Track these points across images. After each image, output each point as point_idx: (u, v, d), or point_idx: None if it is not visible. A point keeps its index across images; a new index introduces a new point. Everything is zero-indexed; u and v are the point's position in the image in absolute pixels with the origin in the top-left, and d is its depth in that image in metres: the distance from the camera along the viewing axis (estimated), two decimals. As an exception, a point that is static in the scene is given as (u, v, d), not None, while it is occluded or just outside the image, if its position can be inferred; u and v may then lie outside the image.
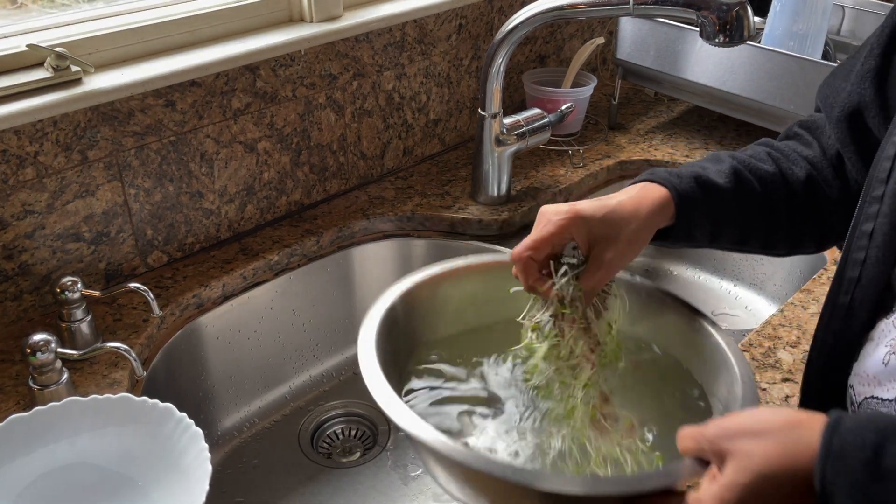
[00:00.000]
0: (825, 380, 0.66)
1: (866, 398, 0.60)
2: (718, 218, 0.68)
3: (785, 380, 0.84)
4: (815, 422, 0.47)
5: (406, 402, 0.61)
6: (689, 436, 0.53)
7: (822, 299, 0.97)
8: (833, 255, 1.08)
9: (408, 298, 0.70)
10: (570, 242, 0.65)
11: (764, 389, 0.83)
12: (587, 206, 0.64)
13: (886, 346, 0.58)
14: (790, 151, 0.72)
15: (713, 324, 0.69)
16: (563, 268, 0.64)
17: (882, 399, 0.58)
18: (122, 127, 0.90)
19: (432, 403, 0.66)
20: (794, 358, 0.87)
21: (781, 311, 0.95)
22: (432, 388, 0.67)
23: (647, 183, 0.67)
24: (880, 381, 0.58)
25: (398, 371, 0.67)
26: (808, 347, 0.89)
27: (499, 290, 0.70)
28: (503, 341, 0.70)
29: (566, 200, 1.22)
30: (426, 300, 0.72)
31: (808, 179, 0.70)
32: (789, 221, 0.71)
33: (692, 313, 0.70)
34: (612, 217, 0.64)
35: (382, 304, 0.68)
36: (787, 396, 0.82)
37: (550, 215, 0.64)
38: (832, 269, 1.03)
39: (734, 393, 0.62)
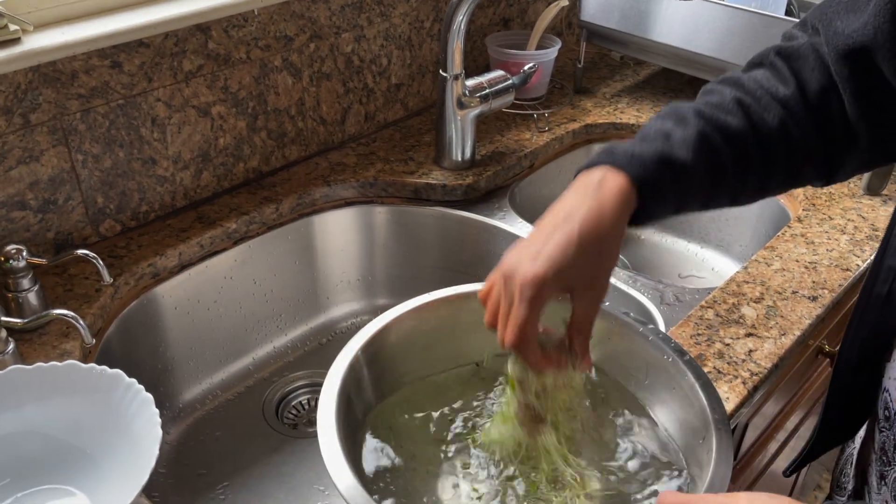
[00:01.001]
0: (857, 375, 0.63)
1: None
2: (685, 195, 0.61)
3: (748, 335, 0.84)
4: None
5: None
6: (675, 499, 0.49)
7: (786, 256, 0.97)
8: (797, 212, 1.08)
9: (370, 349, 0.66)
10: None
11: (728, 345, 0.82)
12: (552, 259, 0.55)
13: None
14: (762, 94, 0.62)
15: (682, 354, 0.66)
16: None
17: None
18: (65, 89, 0.86)
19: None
20: (757, 313, 0.87)
21: (745, 268, 0.94)
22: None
23: (604, 171, 0.58)
24: None
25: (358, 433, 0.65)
26: (771, 303, 0.89)
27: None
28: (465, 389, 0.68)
29: (531, 165, 1.20)
30: (390, 347, 0.68)
31: (781, 128, 0.62)
32: (757, 175, 0.63)
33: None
34: (579, 264, 0.56)
35: (342, 363, 0.64)
36: (751, 350, 0.82)
37: (518, 288, 0.55)
38: (796, 226, 1.03)
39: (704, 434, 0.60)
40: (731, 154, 0.61)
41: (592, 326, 0.59)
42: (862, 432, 0.71)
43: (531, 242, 0.57)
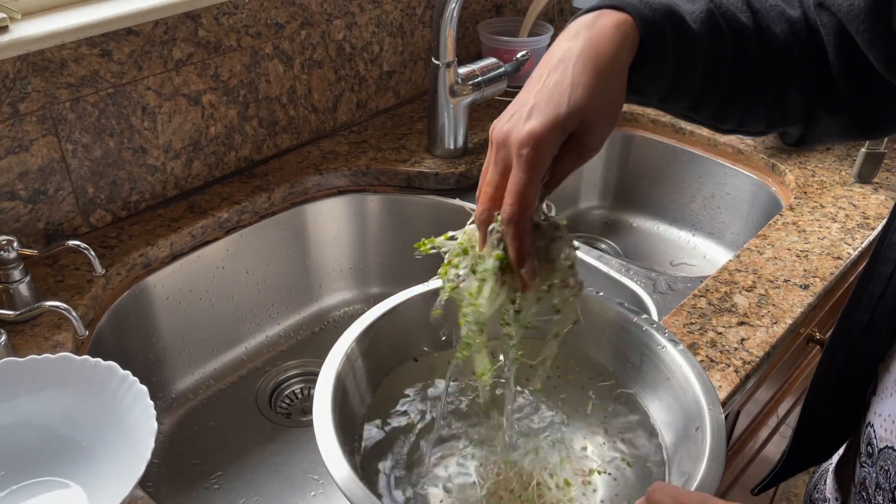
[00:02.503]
0: (832, 403, 0.61)
1: (888, 447, 0.55)
2: (682, 67, 0.54)
3: (741, 323, 0.84)
4: None
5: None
6: (667, 493, 0.47)
7: (778, 244, 0.97)
8: (789, 200, 1.08)
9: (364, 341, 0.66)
10: None
11: (720, 333, 0.83)
12: (546, 113, 0.48)
13: None
14: (772, 7, 0.58)
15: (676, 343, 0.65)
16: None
17: None
18: (54, 78, 0.85)
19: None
20: (749, 302, 0.87)
21: (738, 256, 0.95)
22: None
23: (602, 11, 0.52)
24: None
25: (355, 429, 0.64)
26: (763, 291, 0.89)
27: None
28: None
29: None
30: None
31: (785, 43, 0.57)
32: (751, 90, 0.58)
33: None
34: (579, 107, 0.49)
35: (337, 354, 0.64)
36: (743, 339, 0.82)
37: (515, 149, 0.49)
38: (788, 214, 1.03)
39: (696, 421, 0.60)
40: (734, 45, 0.56)
41: (601, 146, 0.53)
42: (838, 456, 0.70)
43: (522, 98, 0.50)
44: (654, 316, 0.89)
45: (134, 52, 0.91)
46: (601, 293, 0.71)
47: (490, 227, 0.53)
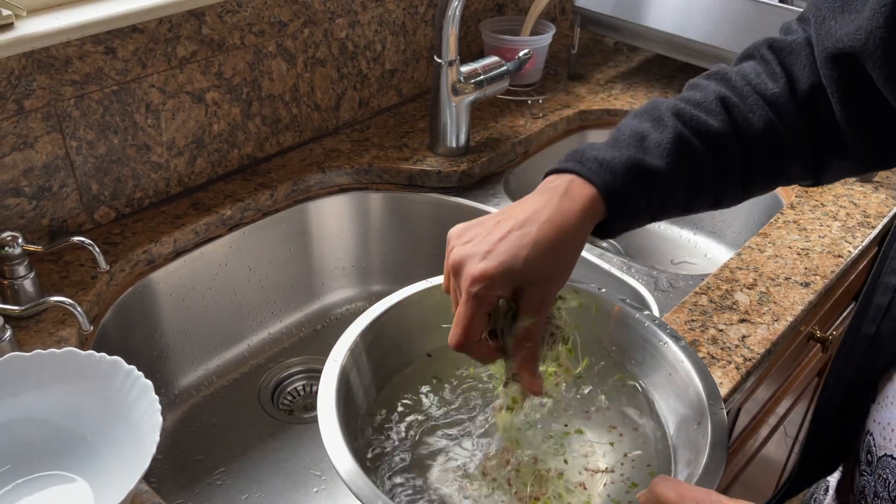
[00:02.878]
0: (840, 415, 0.61)
1: (886, 455, 0.56)
2: (660, 203, 0.58)
3: (742, 320, 0.85)
4: None
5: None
6: (670, 487, 0.47)
7: (779, 242, 0.98)
8: (790, 198, 1.09)
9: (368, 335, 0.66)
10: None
11: (721, 330, 0.83)
12: (501, 260, 0.52)
13: None
14: (749, 92, 0.59)
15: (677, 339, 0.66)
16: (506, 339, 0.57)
17: None
18: (59, 75, 0.86)
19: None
20: (750, 299, 0.88)
21: (739, 254, 0.95)
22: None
23: (572, 180, 0.55)
24: None
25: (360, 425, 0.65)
26: (764, 289, 0.89)
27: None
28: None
29: (525, 152, 1.21)
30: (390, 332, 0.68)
31: (767, 129, 0.58)
32: (739, 177, 0.60)
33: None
34: (531, 264, 0.52)
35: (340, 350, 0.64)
36: (744, 336, 0.83)
37: (465, 284, 0.53)
38: (788, 212, 1.03)
39: (697, 413, 0.60)
40: (710, 157, 0.58)
41: (541, 339, 0.57)
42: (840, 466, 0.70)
43: (484, 237, 0.54)
44: (656, 313, 0.89)
45: (138, 49, 0.91)
46: (603, 289, 0.71)
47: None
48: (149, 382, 0.67)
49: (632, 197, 0.55)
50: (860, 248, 0.97)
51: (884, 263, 0.55)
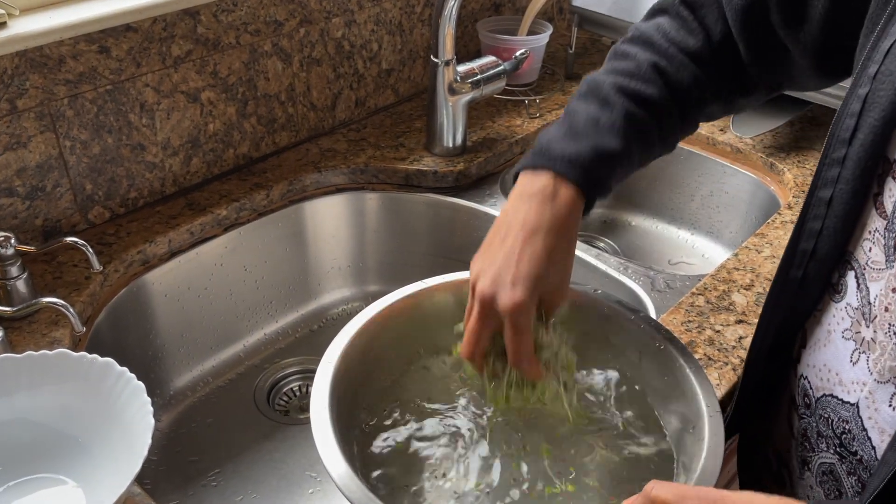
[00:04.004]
0: (771, 362, 0.63)
1: (825, 395, 0.57)
2: (623, 174, 0.65)
3: (739, 321, 0.84)
4: None
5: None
6: (669, 490, 0.47)
7: (776, 243, 0.97)
8: (787, 198, 1.08)
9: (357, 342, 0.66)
10: None
11: (718, 331, 0.83)
12: (527, 283, 0.58)
13: (847, 338, 0.55)
14: (674, 52, 0.65)
15: (678, 347, 0.66)
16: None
17: (842, 401, 0.55)
18: (52, 74, 0.85)
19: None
20: (747, 300, 0.88)
21: (736, 254, 0.95)
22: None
23: (553, 181, 0.61)
24: (842, 380, 0.55)
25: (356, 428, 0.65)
26: (761, 290, 0.89)
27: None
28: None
29: (522, 152, 1.20)
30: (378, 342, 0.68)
31: (695, 83, 0.65)
32: (679, 129, 0.68)
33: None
34: (552, 275, 0.60)
35: (333, 353, 0.64)
36: (741, 337, 0.82)
37: (504, 315, 0.58)
38: (786, 213, 1.03)
39: (695, 423, 0.60)
40: (656, 124, 0.64)
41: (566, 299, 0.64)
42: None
43: (503, 262, 0.59)
44: (653, 314, 0.89)
45: (132, 48, 0.91)
46: (599, 290, 0.71)
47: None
48: (141, 384, 0.66)
49: (603, 181, 0.63)
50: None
51: (807, 210, 0.57)
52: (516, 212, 0.61)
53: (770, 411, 0.69)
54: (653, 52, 0.65)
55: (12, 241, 0.80)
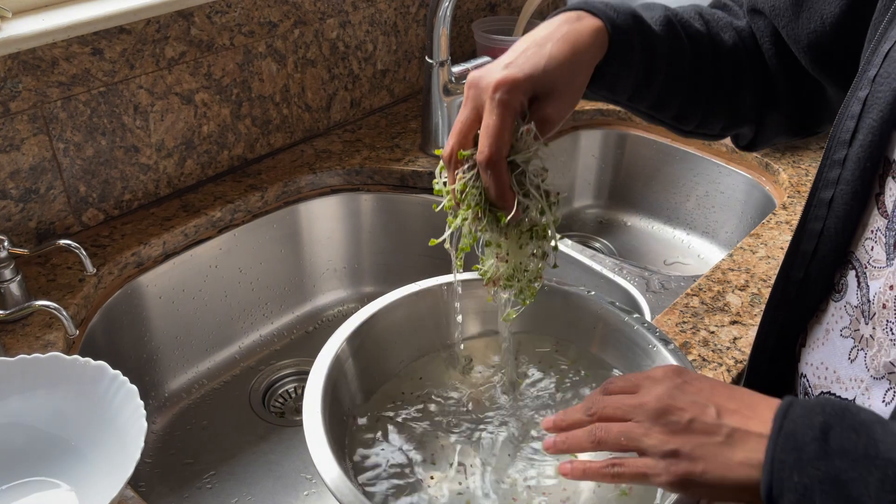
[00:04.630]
0: (774, 363, 0.64)
1: (822, 393, 0.58)
2: (648, 64, 0.61)
3: (733, 322, 0.84)
4: (768, 400, 0.47)
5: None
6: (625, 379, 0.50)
7: (771, 243, 0.97)
8: (782, 199, 1.08)
9: (353, 343, 0.66)
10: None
11: (713, 332, 0.83)
12: (522, 67, 0.54)
13: (845, 336, 0.56)
14: (721, 16, 0.67)
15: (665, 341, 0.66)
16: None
17: (840, 398, 0.56)
18: (45, 77, 0.85)
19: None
20: (742, 301, 0.88)
21: (731, 255, 0.95)
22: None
23: (580, 13, 0.58)
24: (840, 377, 0.56)
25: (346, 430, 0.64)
26: (756, 290, 0.89)
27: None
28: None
29: (518, 152, 1.20)
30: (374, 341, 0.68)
31: (735, 48, 0.65)
32: (708, 91, 0.65)
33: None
34: (551, 73, 0.54)
35: (325, 357, 0.64)
36: (736, 338, 0.82)
37: (488, 92, 0.53)
38: (781, 213, 1.03)
39: None
40: (691, 47, 0.63)
41: (559, 125, 0.58)
42: None
43: (503, 58, 0.56)
44: (647, 315, 0.89)
45: (126, 50, 0.91)
46: (592, 292, 0.71)
47: (466, 167, 0.56)
48: (134, 387, 0.66)
49: (631, 37, 0.58)
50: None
51: (808, 211, 0.57)
52: (532, 32, 0.58)
53: None
54: (700, 9, 0.67)
55: (5, 243, 0.80)
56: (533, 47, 0.55)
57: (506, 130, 0.53)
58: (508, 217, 0.55)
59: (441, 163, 0.58)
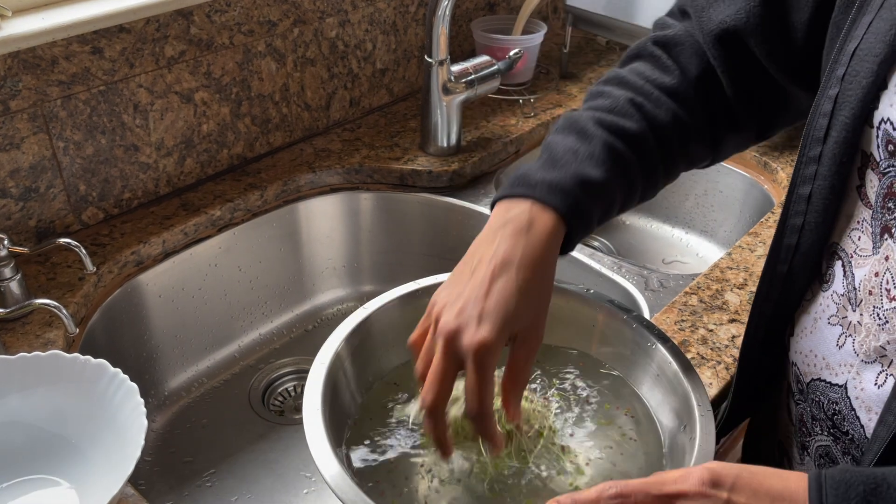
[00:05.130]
0: (764, 353, 0.65)
1: (813, 380, 0.59)
2: (604, 210, 0.61)
3: (731, 321, 0.85)
4: (799, 491, 0.45)
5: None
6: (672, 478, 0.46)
7: (769, 242, 0.97)
8: (780, 197, 1.09)
9: (353, 340, 0.66)
10: None
11: (711, 331, 0.83)
12: (495, 321, 0.53)
13: (833, 323, 0.57)
14: (650, 89, 0.64)
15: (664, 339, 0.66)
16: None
17: (830, 383, 0.57)
18: (45, 75, 0.85)
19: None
20: (740, 299, 0.88)
21: (729, 254, 0.95)
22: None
23: (529, 214, 0.57)
24: (829, 364, 0.57)
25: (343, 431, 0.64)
26: (754, 289, 0.89)
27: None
28: None
29: (517, 151, 1.20)
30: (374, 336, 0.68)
31: (674, 119, 0.63)
32: (662, 169, 0.65)
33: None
34: (524, 312, 0.54)
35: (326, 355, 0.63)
36: (734, 336, 0.83)
37: (469, 354, 0.52)
38: (779, 211, 1.03)
39: (688, 419, 0.60)
40: (636, 158, 0.61)
41: (528, 377, 0.57)
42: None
43: (470, 296, 0.54)
44: (646, 313, 0.89)
45: (125, 49, 0.91)
46: (591, 290, 0.71)
47: (449, 419, 0.57)
48: (134, 385, 0.66)
49: (585, 210, 0.58)
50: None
51: (788, 207, 0.58)
52: (489, 243, 0.56)
53: (769, 401, 0.70)
54: (629, 90, 0.64)
55: (6, 242, 0.80)
56: (498, 280, 0.54)
57: (489, 388, 0.53)
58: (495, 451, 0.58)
59: (422, 412, 0.56)
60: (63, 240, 0.81)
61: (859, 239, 0.55)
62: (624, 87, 0.64)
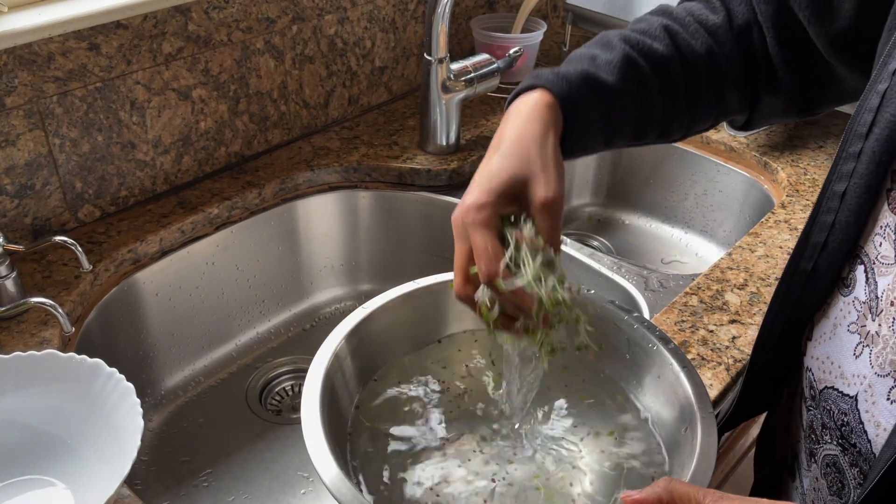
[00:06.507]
0: (777, 354, 0.64)
1: (826, 387, 0.58)
2: (611, 120, 0.61)
3: (732, 321, 0.84)
4: None
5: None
6: (684, 484, 0.46)
7: (770, 242, 0.97)
8: (781, 197, 1.08)
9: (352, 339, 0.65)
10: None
11: (711, 331, 0.83)
12: (482, 183, 0.55)
13: (852, 331, 0.55)
14: (690, 21, 0.64)
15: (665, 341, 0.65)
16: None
17: (842, 393, 0.56)
18: (41, 72, 0.84)
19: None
20: (740, 300, 0.87)
21: (729, 254, 0.95)
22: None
23: (532, 94, 0.59)
24: (843, 373, 0.56)
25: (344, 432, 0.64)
26: (755, 289, 0.89)
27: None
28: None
29: (516, 149, 1.19)
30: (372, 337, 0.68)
31: (708, 54, 0.63)
32: (686, 104, 0.64)
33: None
34: (509, 166, 0.55)
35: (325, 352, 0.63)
36: (734, 337, 0.82)
37: (467, 221, 0.54)
38: (780, 212, 1.03)
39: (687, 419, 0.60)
40: (656, 77, 0.62)
41: (561, 210, 0.56)
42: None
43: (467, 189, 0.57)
44: (646, 314, 0.89)
45: (122, 45, 0.90)
46: (592, 290, 0.70)
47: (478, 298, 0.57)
48: (130, 385, 0.66)
49: (584, 104, 0.59)
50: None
51: (821, 203, 0.57)
52: (494, 136, 0.59)
53: (777, 404, 0.70)
54: (668, 19, 0.64)
55: (1, 240, 0.79)
56: (488, 165, 0.56)
57: (491, 246, 0.54)
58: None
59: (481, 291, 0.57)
60: (59, 238, 0.80)
61: (881, 245, 0.53)
62: (664, 17, 0.65)
